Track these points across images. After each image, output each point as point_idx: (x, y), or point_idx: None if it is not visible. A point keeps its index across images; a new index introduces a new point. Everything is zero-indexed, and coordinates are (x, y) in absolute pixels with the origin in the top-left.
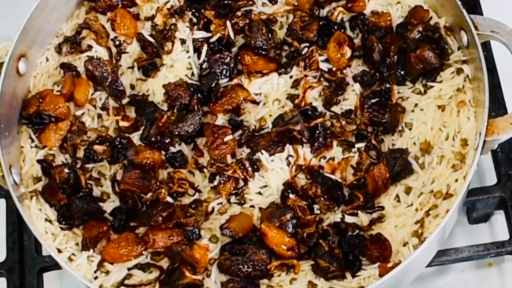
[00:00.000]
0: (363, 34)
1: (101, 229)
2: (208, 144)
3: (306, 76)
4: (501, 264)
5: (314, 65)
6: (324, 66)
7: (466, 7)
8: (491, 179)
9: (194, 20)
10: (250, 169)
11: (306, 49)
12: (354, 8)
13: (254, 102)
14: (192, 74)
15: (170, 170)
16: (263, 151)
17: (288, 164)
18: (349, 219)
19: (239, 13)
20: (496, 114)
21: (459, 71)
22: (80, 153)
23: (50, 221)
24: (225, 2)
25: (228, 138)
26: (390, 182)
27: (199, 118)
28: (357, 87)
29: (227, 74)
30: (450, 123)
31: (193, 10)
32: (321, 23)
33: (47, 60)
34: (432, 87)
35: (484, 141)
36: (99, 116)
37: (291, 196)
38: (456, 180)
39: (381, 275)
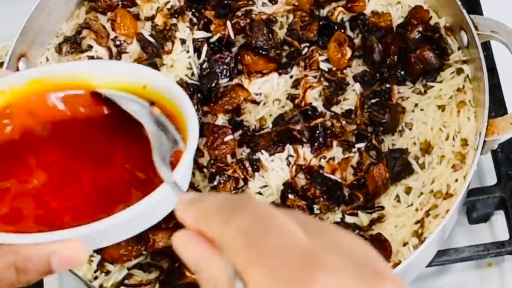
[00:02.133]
0: (363, 34)
1: None
2: (208, 144)
3: (306, 76)
4: (501, 264)
5: (314, 65)
6: (324, 66)
7: (466, 7)
8: (491, 179)
9: (194, 20)
10: (250, 169)
11: (306, 49)
12: (354, 8)
13: (254, 102)
14: (192, 74)
15: None
16: (263, 151)
17: (288, 164)
18: (349, 219)
19: (239, 13)
20: (496, 114)
21: (459, 71)
22: None
23: None
24: (225, 2)
25: (228, 138)
26: (390, 182)
27: (199, 118)
28: (357, 87)
29: (227, 74)
30: (450, 123)
31: (193, 10)
32: (321, 23)
33: (47, 60)
34: (432, 87)
35: (484, 141)
36: None
37: (290, 196)
38: (456, 180)
39: None
